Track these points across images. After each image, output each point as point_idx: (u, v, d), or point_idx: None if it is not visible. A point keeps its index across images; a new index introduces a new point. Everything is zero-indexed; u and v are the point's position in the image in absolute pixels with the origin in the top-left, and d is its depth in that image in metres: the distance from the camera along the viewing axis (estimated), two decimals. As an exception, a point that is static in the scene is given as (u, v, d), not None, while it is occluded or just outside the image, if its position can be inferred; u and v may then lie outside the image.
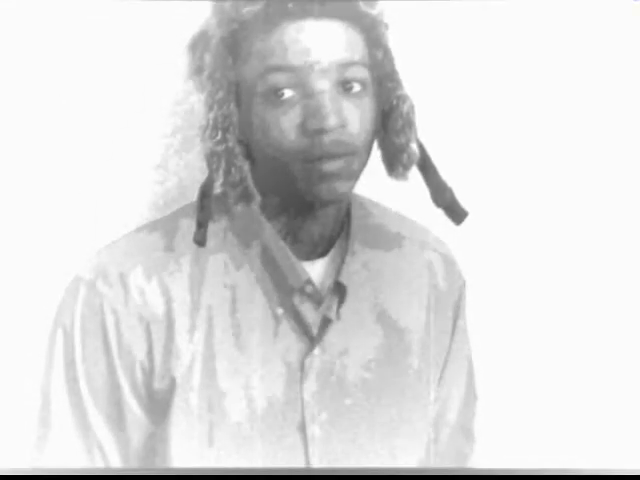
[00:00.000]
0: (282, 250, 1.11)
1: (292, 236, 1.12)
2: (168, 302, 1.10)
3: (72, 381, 1.11)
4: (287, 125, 1.03)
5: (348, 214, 1.16)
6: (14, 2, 1.28)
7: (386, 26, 1.10)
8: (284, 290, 1.11)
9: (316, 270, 1.13)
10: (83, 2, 1.28)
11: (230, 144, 1.07)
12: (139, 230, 1.15)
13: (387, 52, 1.10)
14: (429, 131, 1.16)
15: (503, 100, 1.41)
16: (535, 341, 1.45)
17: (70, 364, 1.11)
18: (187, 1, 1.24)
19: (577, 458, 1.41)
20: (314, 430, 1.12)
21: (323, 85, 1.03)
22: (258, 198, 1.08)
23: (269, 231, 1.11)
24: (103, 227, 1.31)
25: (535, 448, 1.44)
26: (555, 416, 1.45)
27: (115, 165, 1.33)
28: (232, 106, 1.07)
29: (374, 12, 1.08)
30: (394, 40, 1.11)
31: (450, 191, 1.14)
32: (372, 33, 1.07)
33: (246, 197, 1.07)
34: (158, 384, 1.10)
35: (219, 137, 1.06)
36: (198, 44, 1.09)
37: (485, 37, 1.39)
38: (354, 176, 1.07)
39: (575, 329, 1.45)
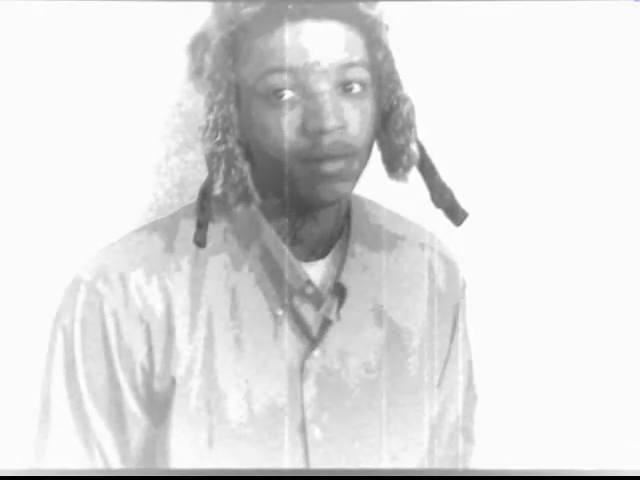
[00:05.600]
0: (282, 251, 1.11)
1: (292, 237, 1.12)
2: (168, 303, 1.10)
3: (72, 382, 1.11)
4: (287, 126, 1.03)
5: (348, 215, 1.16)
6: (14, 4, 1.28)
7: (386, 27, 1.10)
8: (284, 291, 1.11)
9: (316, 271, 1.13)
10: (83, 3, 1.28)
11: (230, 145, 1.07)
12: (139, 231, 1.15)
13: (387, 53, 1.10)
14: (429, 132, 1.16)
15: (503, 101, 1.41)
16: (535, 342, 1.45)
17: (70, 365, 1.11)
18: (187, 2, 1.24)
19: (577, 459, 1.41)
20: (314, 431, 1.12)
21: (323, 86, 1.03)
22: (258, 199, 1.08)
23: (269, 232, 1.11)
24: (103, 228, 1.30)
25: (535, 449, 1.44)
26: (555, 417, 1.45)
27: (115, 166, 1.33)
28: (232, 107, 1.07)
29: (374, 13, 1.08)
30: (394, 41, 1.11)
31: (450, 192, 1.14)
32: (372, 34, 1.08)
33: (246, 198, 1.08)
34: (158, 385, 1.10)
35: (219, 138, 1.07)
36: (198, 45, 1.10)
37: (485, 38, 1.39)
38: (354, 177, 1.07)
39: (575, 331, 1.45)
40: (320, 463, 1.12)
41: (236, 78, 1.06)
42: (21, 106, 1.30)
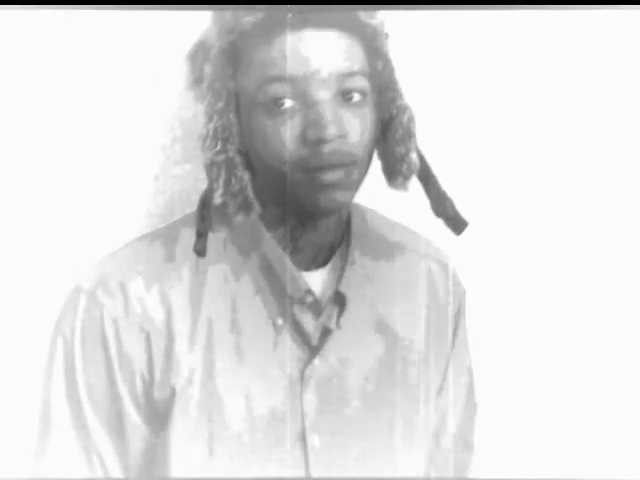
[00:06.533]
0: (282, 260, 1.11)
1: (292, 246, 1.12)
2: (168, 312, 1.10)
3: (72, 390, 1.11)
4: (287, 135, 1.03)
5: (348, 224, 1.16)
6: (14, 13, 1.28)
7: (386, 36, 1.10)
8: (284, 300, 1.11)
9: (316, 280, 1.13)
10: (82, 12, 1.28)
11: (230, 154, 1.07)
12: (139, 240, 1.15)
13: (387, 62, 1.10)
14: (429, 141, 1.16)
15: (503, 110, 1.41)
16: (535, 350, 1.45)
17: (70, 373, 1.11)
18: (187, 11, 1.24)
19: (576, 468, 1.41)
20: (314, 440, 1.12)
21: (323, 95, 1.03)
22: (258, 208, 1.08)
23: (269, 241, 1.11)
24: (103, 237, 1.30)
25: (534, 458, 1.43)
26: (555, 425, 1.45)
27: (115, 175, 1.33)
28: (232, 116, 1.07)
29: (374, 22, 1.08)
30: (394, 50, 1.11)
31: (450, 201, 1.15)
32: (372, 43, 1.08)
33: (246, 207, 1.08)
34: (158, 394, 1.10)
35: (219, 147, 1.07)
36: (198, 54, 1.10)
37: (486, 47, 1.39)
38: (354, 186, 1.07)
39: (576, 338, 1.45)
40: (320, 471, 1.12)
41: (236, 87, 1.07)
42: (22, 115, 1.30)
